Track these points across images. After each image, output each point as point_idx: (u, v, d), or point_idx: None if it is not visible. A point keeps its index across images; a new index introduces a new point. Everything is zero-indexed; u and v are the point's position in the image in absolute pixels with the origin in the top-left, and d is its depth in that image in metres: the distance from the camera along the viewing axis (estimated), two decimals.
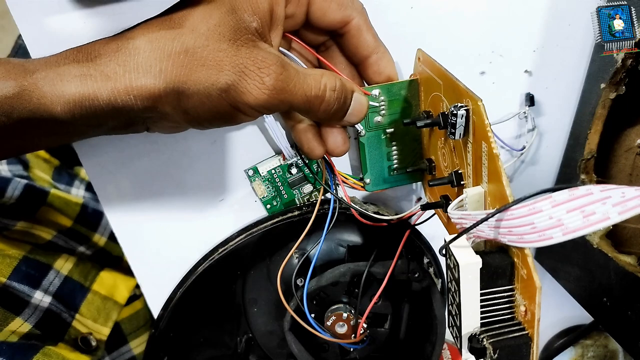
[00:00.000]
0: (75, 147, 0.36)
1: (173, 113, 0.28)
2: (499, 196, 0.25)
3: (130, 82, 0.27)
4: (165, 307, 0.40)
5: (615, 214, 0.19)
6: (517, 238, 0.23)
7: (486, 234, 0.25)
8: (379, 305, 0.42)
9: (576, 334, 0.49)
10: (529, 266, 0.23)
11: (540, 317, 0.24)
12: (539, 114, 0.41)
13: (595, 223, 0.19)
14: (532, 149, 0.42)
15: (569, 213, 0.20)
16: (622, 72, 0.34)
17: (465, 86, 0.27)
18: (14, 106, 0.26)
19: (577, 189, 0.20)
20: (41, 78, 0.27)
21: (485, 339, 0.25)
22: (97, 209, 0.57)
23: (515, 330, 0.25)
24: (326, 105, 0.31)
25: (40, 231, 0.49)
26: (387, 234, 0.40)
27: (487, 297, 0.26)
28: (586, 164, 0.38)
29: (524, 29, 0.38)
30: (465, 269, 0.25)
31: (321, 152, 0.34)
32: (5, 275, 0.42)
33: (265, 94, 0.28)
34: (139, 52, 0.27)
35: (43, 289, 0.44)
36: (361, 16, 0.32)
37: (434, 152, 0.35)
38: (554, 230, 0.21)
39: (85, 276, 0.49)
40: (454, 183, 0.30)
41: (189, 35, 0.27)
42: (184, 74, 0.27)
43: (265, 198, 0.40)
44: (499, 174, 0.25)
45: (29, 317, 0.42)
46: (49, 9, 0.32)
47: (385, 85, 0.35)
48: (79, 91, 0.27)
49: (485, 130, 0.25)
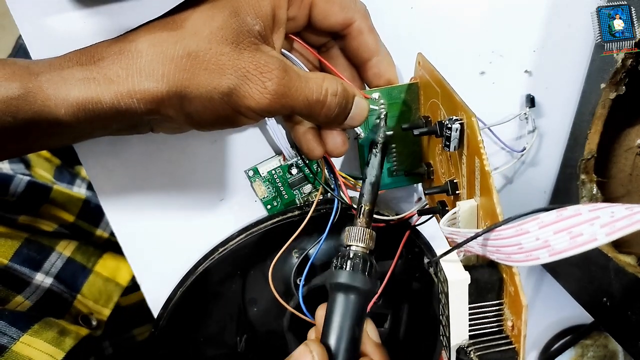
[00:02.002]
0: (75, 146, 0.36)
1: (176, 116, 0.29)
2: (490, 212, 0.25)
3: (133, 85, 0.27)
4: (165, 306, 0.40)
5: (603, 235, 0.19)
6: (505, 257, 0.23)
7: (476, 250, 0.25)
8: (378, 304, 0.42)
9: (576, 334, 0.49)
10: (516, 284, 0.24)
11: (526, 334, 0.24)
12: (539, 114, 0.41)
13: (582, 244, 0.19)
14: (533, 150, 0.42)
15: (556, 234, 0.20)
16: (622, 72, 0.34)
17: (461, 99, 0.27)
18: (19, 107, 0.27)
19: (565, 210, 0.20)
20: (45, 81, 0.27)
21: (473, 351, 0.25)
22: (99, 205, 0.57)
23: (503, 344, 0.25)
24: (327, 110, 0.31)
25: (43, 224, 0.50)
26: (387, 234, 0.40)
27: (476, 310, 0.26)
28: (586, 164, 0.38)
29: (524, 29, 0.38)
30: (454, 286, 0.25)
31: (320, 153, 0.35)
32: (7, 257, 0.43)
33: (267, 98, 0.28)
34: (141, 55, 0.27)
35: (44, 271, 0.45)
36: (363, 18, 0.32)
37: (433, 157, 0.35)
38: (540, 252, 0.20)
39: (87, 258, 0.49)
40: (449, 192, 0.30)
41: (191, 38, 0.27)
42: (186, 78, 0.27)
43: (265, 198, 0.40)
44: (490, 191, 0.25)
45: (30, 296, 0.43)
46: (49, 9, 0.32)
47: (385, 89, 0.34)
48: (82, 94, 0.27)
49: (478, 146, 0.25)
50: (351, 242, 0.30)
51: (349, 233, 0.31)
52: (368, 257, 0.30)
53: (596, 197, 0.38)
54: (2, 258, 0.43)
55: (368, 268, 0.29)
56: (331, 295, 0.29)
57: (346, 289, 0.28)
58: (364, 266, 0.29)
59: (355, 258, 0.29)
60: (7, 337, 0.37)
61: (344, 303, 0.28)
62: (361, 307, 0.28)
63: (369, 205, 0.31)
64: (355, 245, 0.30)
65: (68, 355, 0.39)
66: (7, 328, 0.38)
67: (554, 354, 0.49)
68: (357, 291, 0.28)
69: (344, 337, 0.28)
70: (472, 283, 0.25)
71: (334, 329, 0.28)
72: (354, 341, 0.28)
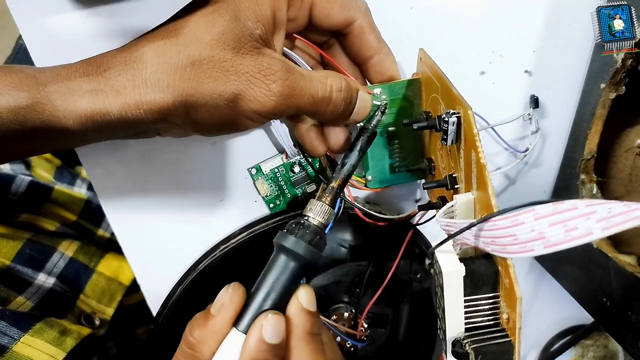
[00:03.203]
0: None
1: (183, 124, 0.29)
2: (485, 205, 0.25)
3: (140, 96, 0.27)
4: (165, 303, 0.40)
5: (599, 229, 0.19)
6: (500, 248, 0.23)
7: (471, 242, 0.25)
8: (380, 305, 0.42)
9: (576, 334, 0.49)
10: (510, 276, 0.24)
11: (521, 326, 0.24)
12: (541, 115, 0.41)
13: (577, 238, 0.19)
14: (535, 151, 0.42)
15: (551, 227, 0.20)
16: (622, 72, 0.34)
17: (458, 92, 0.27)
18: (27, 116, 0.27)
19: (562, 203, 0.20)
20: (53, 92, 0.27)
21: (468, 344, 0.25)
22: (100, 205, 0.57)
23: (499, 336, 0.25)
24: (333, 106, 0.31)
25: (45, 223, 0.50)
26: (389, 234, 0.39)
27: (471, 303, 0.26)
28: (586, 164, 0.38)
29: (524, 29, 0.38)
30: (449, 277, 0.25)
31: (323, 150, 0.35)
32: (9, 257, 0.43)
33: (273, 100, 0.28)
34: (146, 66, 0.27)
35: (47, 271, 0.45)
36: (364, 17, 0.32)
37: (434, 153, 0.35)
38: (535, 243, 0.21)
39: (90, 258, 0.50)
40: (448, 186, 0.30)
41: (194, 46, 0.27)
42: (191, 87, 0.27)
43: (268, 197, 0.40)
44: (485, 184, 0.25)
45: (31, 296, 0.43)
46: (49, 9, 0.32)
47: (387, 85, 0.35)
48: (90, 106, 0.27)
49: (474, 139, 0.26)
50: (308, 213, 0.31)
51: (311, 204, 0.31)
52: (320, 231, 0.31)
53: (596, 197, 0.38)
54: (4, 259, 0.43)
55: (316, 240, 0.30)
56: (274, 253, 0.30)
57: (288, 252, 0.29)
58: (312, 237, 0.30)
59: (307, 228, 0.30)
60: (8, 337, 0.37)
61: (282, 265, 0.29)
62: (297, 272, 0.29)
63: (337, 184, 0.32)
64: (312, 218, 0.31)
65: (69, 355, 0.39)
66: (7, 328, 0.38)
67: (554, 354, 0.49)
68: (297, 258, 0.29)
69: (271, 293, 0.29)
70: (468, 275, 0.25)
71: (264, 284, 0.29)
72: (277, 299, 0.29)
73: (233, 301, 0.28)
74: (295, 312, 0.29)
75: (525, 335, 0.50)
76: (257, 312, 0.28)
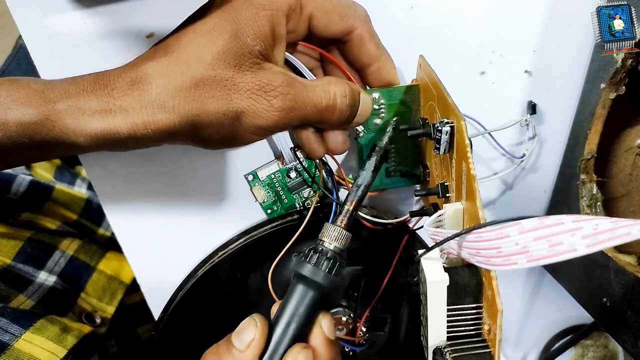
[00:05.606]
0: None
1: (189, 141, 0.30)
2: (473, 216, 0.25)
3: (147, 117, 0.28)
4: (165, 309, 0.40)
5: (583, 246, 0.19)
6: (485, 260, 0.23)
7: (457, 252, 0.25)
8: (378, 309, 0.42)
9: (576, 334, 0.49)
10: (493, 288, 0.24)
11: (500, 338, 0.24)
12: (539, 121, 0.41)
13: (560, 253, 0.19)
14: (532, 156, 0.42)
15: (535, 241, 0.20)
16: (622, 72, 0.34)
17: (453, 102, 0.27)
18: (36, 131, 0.28)
19: (547, 218, 0.20)
20: (63, 110, 0.28)
21: (449, 352, 0.25)
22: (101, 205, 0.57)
23: (479, 347, 0.25)
24: (339, 113, 0.31)
25: (46, 221, 0.50)
26: (386, 238, 0.39)
27: (454, 312, 0.26)
28: (586, 164, 0.38)
29: (524, 29, 0.38)
30: (432, 286, 0.25)
31: (322, 153, 0.35)
32: (9, 256, 0.43)
33: (275, 115, 0.29)
34: (151, 87, 0.28)
35: (48, 269, 0.45)
36: (364, 25, 0.32)
37: (429, 159, 0.35)
38: (518, 257, 0.21)
39: (91, 256, 0.50)
40: (440, 194, 0.30)
41: (196, 66, 0.28)
42: (196, 108, 0.28)
43: (265, 203, 0.40)
44: (474, 195, 0.25)
45: (32, 295, 0.43)
46: (49, 9, 0.32)
47: (385, 89, 0.35)
48: (100, 126, 0.28)
49: (465, 150, 0.26)
50: (324, 238, 0.31)
51: (326, 229, 0.31)
52: (338, 256, 0.30)
53: (596, 197, 0.38)
54: (4, 258, 0.43)
55: (336, 267, 0.30)
56: (292, 281, 0.30)
57: (306, 281, 0.29)
58: (330, 264, 0.29)
59: (324, 254, 0.30)
60: (9, 334, 0.38)
61: (301, 294, 0.29)
62: (316, 301, 0.29)
63: (352, 206, 0.31)
64: (328, 243, 0.30)
65: (70, 352, 0.39)
66: (9, 325, 0.38)
67: (554, 354, 0.49)
68: (316, 286, 0.29)
69: (292, 324, 0.29)
70: (452, 285, 0.25)
71: (285, 314, 0.29)
72: (298, 329, 0.29)
73: (264, 335, 0.29)
74: (320, 343, 0.30)
75: (525, 335, 0.50)
76: (278, 345, 0.29)
